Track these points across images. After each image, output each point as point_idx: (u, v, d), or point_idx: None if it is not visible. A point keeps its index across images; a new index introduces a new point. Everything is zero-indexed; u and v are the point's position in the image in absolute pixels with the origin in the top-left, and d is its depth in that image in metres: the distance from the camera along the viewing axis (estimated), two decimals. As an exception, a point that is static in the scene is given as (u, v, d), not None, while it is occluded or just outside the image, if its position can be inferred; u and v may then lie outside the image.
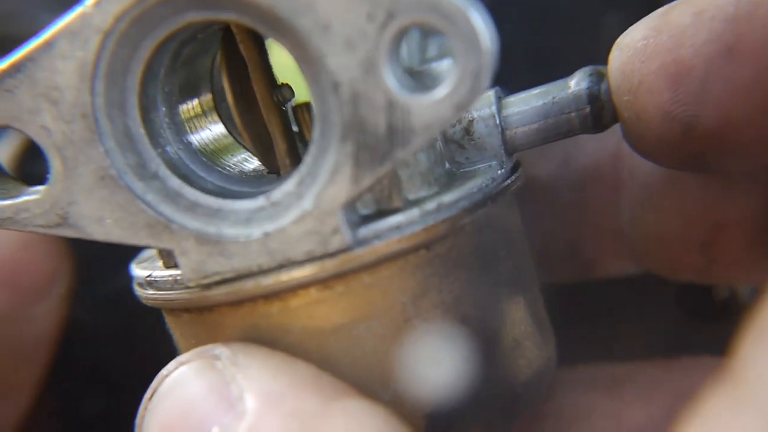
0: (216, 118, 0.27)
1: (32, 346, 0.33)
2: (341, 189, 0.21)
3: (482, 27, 0.19)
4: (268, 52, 0.26)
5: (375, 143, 0.21)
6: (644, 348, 0.34)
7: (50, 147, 0.21)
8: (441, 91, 0.20)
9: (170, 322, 0.26)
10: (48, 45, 0.20)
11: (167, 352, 0.25)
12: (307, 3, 0.20)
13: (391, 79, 0.20)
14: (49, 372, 0.36)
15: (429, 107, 0.20)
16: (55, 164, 0.21)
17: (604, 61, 0.27)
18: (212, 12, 0.21)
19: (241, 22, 0.21)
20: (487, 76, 0.19)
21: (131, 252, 0.28)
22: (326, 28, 0.20)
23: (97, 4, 0.20)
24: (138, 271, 0.26)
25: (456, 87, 0.19)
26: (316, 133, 0.22)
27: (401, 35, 0.20)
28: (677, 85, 0.24)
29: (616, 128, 0.30)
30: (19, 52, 0.21)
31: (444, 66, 0.29)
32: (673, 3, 0.25)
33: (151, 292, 0.25)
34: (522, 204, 0.28)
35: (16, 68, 0.21)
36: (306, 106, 0.27)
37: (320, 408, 0.21)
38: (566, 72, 0.28)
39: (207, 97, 0.26)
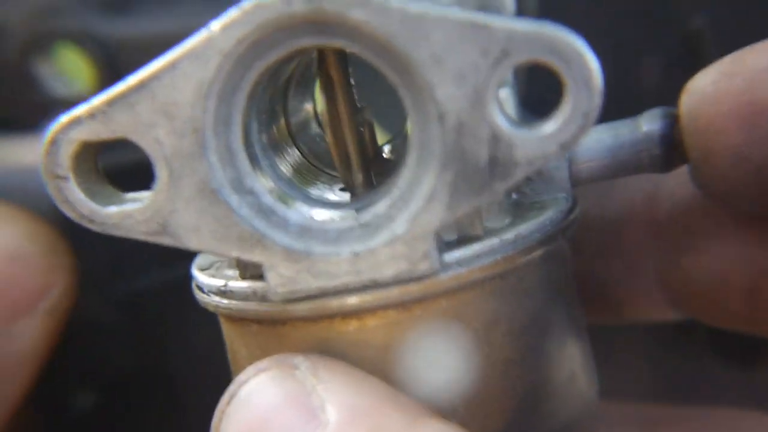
0: (291, 142, 0.28)
1: (13, 364, 0.33)
2: (435, 216, 0.22)
3: (596, 68, 0.19)
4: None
5: (474, 174, 0.21)
6: (681, 392, 0.34)
7: (160, 159, 0.22)
8: (549, 128, 0.20)
9: (233, 331, 0.26)
10: (172, 66, 0.21)
11: (165, 353, 0.26)
12: (424, 35, 0.20)
13: (497, 114, 0.21)
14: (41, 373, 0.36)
15: (534, 142, 0.20)
16: (162, 175, 0.22)
17: (645, 102, 0.28)
18: (326, 39, 0.21)
19: (351, 49, 0.22)
20: (595, 116, 0.20)
21: (137, 255, 0.28)
22: (440, 61, 0.20)
23: (224, 29, 0.21)
24: (208, 279, 0.26)
25: (565, 125, 0.20)
26: (411, 159, 0.22)
27: (511, 71, 0.20)
28: (750, 127, 0.25)
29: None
30: (145, 70, 0.21)
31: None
32: (745, 48, 0.26)
33: (225, 301, 0.25)
34: None
35: (142, 85, 0.21)
36: (368, 130, 0.28)
37: (405, 424, 0.21)
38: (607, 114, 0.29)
39: (282, 122, 0.27)
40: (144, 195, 0.23)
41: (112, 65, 0.34)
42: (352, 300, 0.23)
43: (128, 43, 0.34)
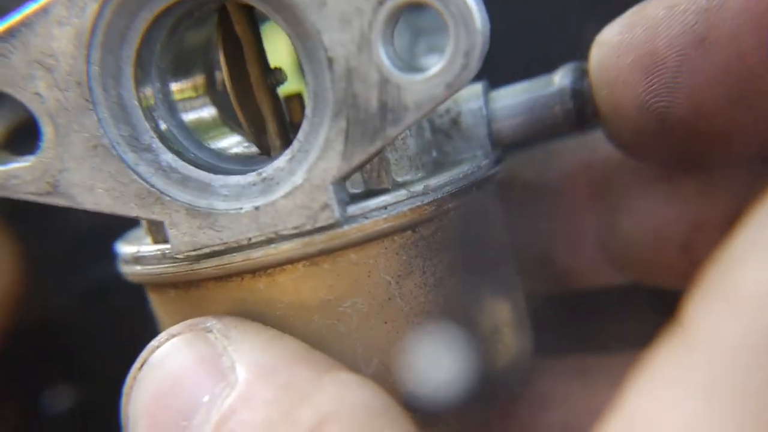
0: (208, 100, 0.27)
1: None
2: (332, 165, 0.22)
3: (475, 6, 0.19)
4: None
5: (367, 120, 0.21)
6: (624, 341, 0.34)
7: (43, 114, 0.21)
8: (433, 70, 0.20)
9: (155, 299, 0.26)
10: (44, 10, 0.20)
11: (139, 344, 0.25)
12: None
13: (384, 57, 0.21)
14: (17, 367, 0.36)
15: (421, 85, 0.20)
16: (47, 131, 0.21)
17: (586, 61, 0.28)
18: None
19: None
20: (478, 55, 0.20)
21: (108, 243, 0.28)
22: (322, 4, 0.20)
23: None
24: (124, 248, 0.26)
25: (448, 65, 0.20)
26: (308, 110, 0.22)
27: (397, 14, 0.20)
28: (651, 77, 0.25)
29: (587, 138, 0.31)
30: (14, 16, 0.21)
31: (432, 61, 0.30)
32: (647, 0, 0.26)
33: (138, 267, 0.25)
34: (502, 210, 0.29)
35: (11, 33, 0.21)
36: (298, 98, 0.27)
37: (312, 380, 0.21)
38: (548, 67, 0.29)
39: (199, 79, 0.27)
40: (33, 155, 0.22)
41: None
42: (256, 254, 0.23)
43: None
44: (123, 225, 0.27)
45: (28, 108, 0.21)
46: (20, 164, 0.22)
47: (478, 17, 0.19)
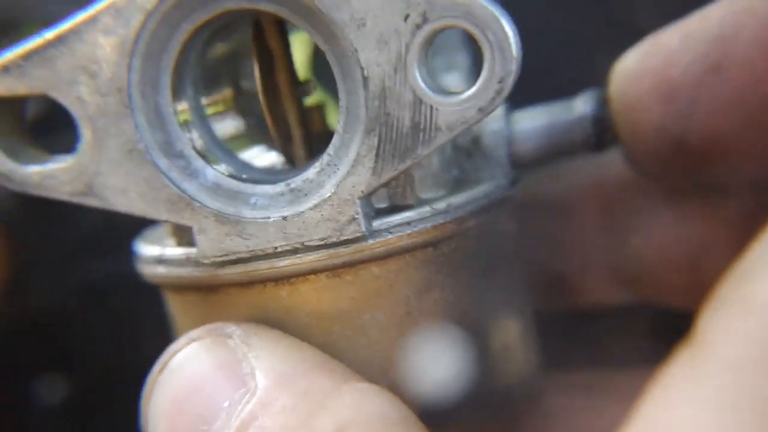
0: (232, 110, 0.28)
1: None
2: (361, 180, 0.22)
3: (512, 34, 0.20)
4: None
5: (398, 138, 0.22)
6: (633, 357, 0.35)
7: (83, 118, 0.22)
8: (467, 93, 0.21)
9: (175, 302, 0.27)
10: (93, 19, 0.21)
11: (134, 339, 0.26)
12: None
13: (419, 79, 0.21)
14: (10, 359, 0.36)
15: (454, 107, 0.21)
16: (86, 135, 0.22)
17: (598, 83, 0.28)
18: (251, 1, 0.22)
19: (277, 13, 0.22)
20: (512, 82, 0.20)
21: (107, 242, 0.28)
22: (362, 24, 0.21)
23: None
24: (146, 248, 0.26)
25: (482, 89, 0.21)
26: (340, 125, 0.23)
27: (433, 37, 0.21)
28: (668, 103, 0.26)
29: (597, 157, 0.31)
30: (64, 24, 0.21)
31: (452, 79, 0.31)
32: (662, 29, 0.27)
33: (161, 269, 0.26)
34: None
35: (60, 39, 0.21)
36: (318, 109, 0.28)
37: (331, 388, 0.22)
38: (558, 93, 0.29)
39: (227, 91, 0.27)
40: (70, 156, 0.23)
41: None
42: (281, 263, 0.23)
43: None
44: (122, 224, 0.28)
45: (70, 111, 0.22)
46: (58, 165, 0.22)
47: (515, 45, 0.20)
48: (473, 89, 0.21)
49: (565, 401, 0.32)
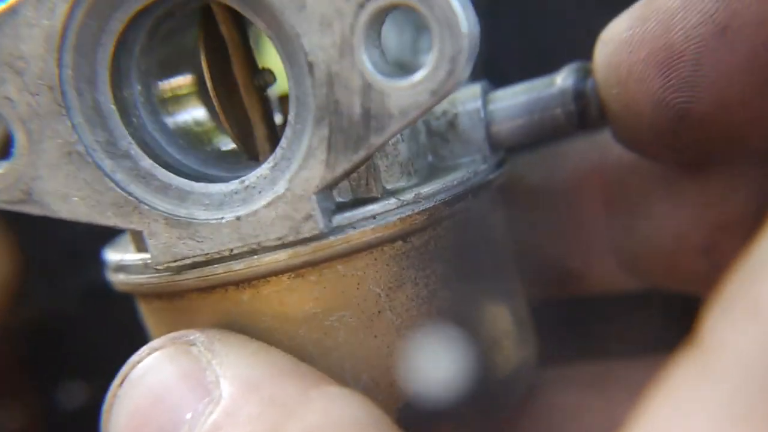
0: (196, 101, 0.26)
1: None
2: (315, 174, 0.21)
3: (460, 10, 0.18)
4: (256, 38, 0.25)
5: (350, 127, 0.20)
6: (640, 346, 0.33)
7: (14, 119, 0.20)
8: (418, 75, 0.19)
9: (143, 309, 0.26)
10: (12, 10, 0.20)
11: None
12: None
13: (367, 62, 0.19)
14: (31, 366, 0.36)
15: (406, 91, 0.19)
16: (19, 137, 0.21)
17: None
18: None
19: None
20: (465, 61, 0.19)
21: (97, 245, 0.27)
22: (302, 6, 0.19)
23: None
24: (110, 255, 0.25)
25: (433, 71, 0.19)
26: (291, 116, 0.21)
27: (379, 17, 0.19)
28: (669, 71, 0.24)
29: (598, 139, 0.29)
30: None
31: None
32: None
33: (122, 276, 0.25)
34: (507, 215, 0.27)
35: None
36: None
37: (299, 394, 0.20)
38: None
39: (187, 79, 0.26)
40: (5, 162, 0.21)
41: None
42: (238, 265, 0.22)
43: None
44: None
45: None
46: None
47: (464, 21, 0.18)
48: (423, 71, 0.19)
49: (575, 396, 0.31)
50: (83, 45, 0.20)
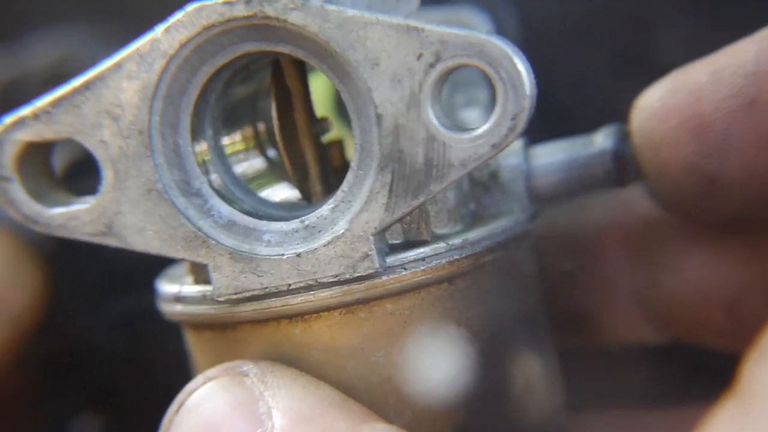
0: (256, 151, 0.28)
1: None
2: (374, 216, 0.22)
3: (525, 72, 0.20)
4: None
5: (412, 175, 0.22)
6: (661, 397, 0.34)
7: (105, 160, 0.22)
8: (480, 130, 0.21)
9: (192, 339, 0.27)
10: (117, 66, 0.22)
11: (171, 374, 0.26)
12: (360, 39, 0.21)
13: (432, 116, 0.21)
14: (47, 394, 0.36)
15: (467, 144, 0.21)
16: (107, 176, 0.22)
17: (618, 116, 0.28)
18: (269, 43, 0.22)
19: (294, 54, 0.23)
20: (525, 119, 0.20)
21: (137, 276, 0.29)
22: (375, 64, 0.21)
23: (166, 31, 0.22)
24: (166, 286, 0.27)
25: (495, 126, 0.20)
26: (354, 162, 0.23)
27: (446, 75, 0.21)
28: (699, 139, 0.25)
29: (622, 193, 0.30)
30: (91, 71, 0.22)
31: (471, 115, 0.31)
32: (687, 65, 0.27)
33: (179, 307, 0.26)
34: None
35: (86, 86, 0.22)
36: (337, 144, 0.28)
37: (349, 429, 0.21)
38: (579, 129, 0.29)
39: (247, 129, 0.28)
40: (92, 198, 0.23)
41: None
42: (295, 300, 0.23)
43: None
44: (155, 259, 0.28)
45: (92, 154, 0.22)
46: (81, 206, 0.23)
47: (528, 82, 0.20)
48: (486, 126, 0.21)
49: None
50: (172, 94, 0.22)
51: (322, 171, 0.27)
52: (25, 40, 0.41)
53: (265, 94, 0.27)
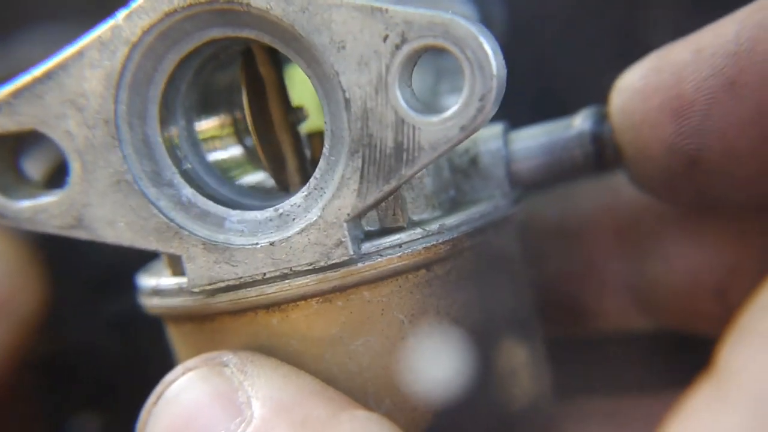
0: (232, 139, 0.28)
1: None
2: (347, 202, 0.22)
3: (491, 52, 0.20)
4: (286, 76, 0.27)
5: (382, 159, 0.21)
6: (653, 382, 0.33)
7: (72, 151, 0.22)
8: (448, 112, 0.21)
9: (172, 332, 0.27)
10: (79, 54, 0.22)
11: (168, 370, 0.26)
12: (324, 21, 0.21)
13: (401, 99, 0.21)
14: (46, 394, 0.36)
15: (436, 126, 0.21)
16: (74, 167, 0.22)
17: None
18: (233, 29, 0.22)
19: (260, 39, 0.22)
20: (493, 99, 0.20)
21: (132, 276, 0.28)
22: (341, 47, 0.21)
23: (127, 17, 0.21)
24: (144, 280, 0.26)
25: (463, 108, 0.20)
26: (326, 148, 0.23)
27: (413, 57, 0.21)
28: (680, 119, 0.25)
29: (610, 180, 0.30)
30: (52, 60, 0.22)
31: (453, 101, 0.30)
32: (669, 44, 0.26)
33: (156, 300, 0.26)
34: (523, 253, 0.28)
35: (48, 75, 0.22)
36: (320, 135, 0.28)
37: (329, 417, 0.21)
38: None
39: (224, 118, 0.28)
40: (61, 190, 0.23)
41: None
42: (270, 289, 0.23)
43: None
44: (153, 255, 0.28)
45: (59, 145, 0.22)
46: (48, 199, 0.23)
47: (495, 62, 0.20)
48: (454, 108, 0.20)
49: (591, 429, 0.31)
50: (138, 83, 0.22)
51: (299, 162, 0.27)
52: (16, 39, 0.41)
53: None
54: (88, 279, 0.39)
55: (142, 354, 0.39)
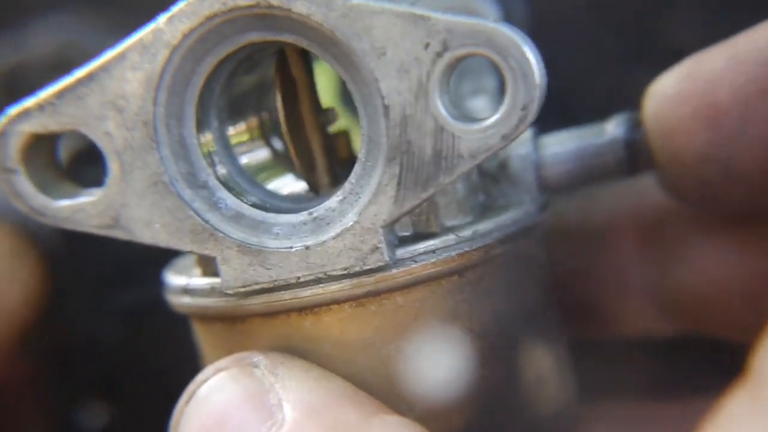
0: (260, 141, 0.28)
1: None
2: (383, 209, 0.22)
3: (535, 61, 0.20)
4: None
5: (420, 167, 0.21)
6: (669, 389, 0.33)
7: (111, 152, 0.22)
8: (489, 120, 0.20)
9: (201, 331, 0.27)
10: (121, 56, 0.22)
11: (176, 365, 0.26)
12: (365, 27, 0.21)
13: (440, 106, 0.21)
14: (53, 385, 0.37)
15: (476, 135, 0.21)
16: (113, 168, 0.22)
17: (630, 108, 0.28)
18: (272, 33, 0.22)
19: (298, 43, 0.22)
20: (536, 109, 0.20)
21: (141, 268, 0.29)
22: (382, 53, 0.21)
23: (168, 21, 0.21)
24: (174, 279, 0.27)
25: (505, 117, 0.20)
26: (362, 154, 0.23)
27: (454, 65, 0.21)
28: (714, 127, 0.25)
29: (635, 183, 0.30)
30: (94, 62, 0.22)
31: (479, 104, 0.30)
32: (704, 51, 0.26)
33: (187, 299, 0.26)
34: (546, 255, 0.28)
35: (90, 77, 0.22)
36: (344, 135, 0.28)
37: (360, 421, 0.21)
38: (591, 115, 0.29)
39: (251, 120, 0.28)
40: (99, 190, 0.23)
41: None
42: (304, 293, 0.23)
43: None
44: (160, 251, 0.28)
45: (98, 146, 0.22)
46: (87, 199, 0.23)
47: (537, 71, 0.20)
48: (496, 116, 0.20)
49: None
50: (176, 85, 0.22)
51: (329, 162, 0.27)
52: (27, 28, 0.41)
53: (270, 85, 0.27)
54: (96, 272, 0.39)
55: (149, 346, 0.39)
